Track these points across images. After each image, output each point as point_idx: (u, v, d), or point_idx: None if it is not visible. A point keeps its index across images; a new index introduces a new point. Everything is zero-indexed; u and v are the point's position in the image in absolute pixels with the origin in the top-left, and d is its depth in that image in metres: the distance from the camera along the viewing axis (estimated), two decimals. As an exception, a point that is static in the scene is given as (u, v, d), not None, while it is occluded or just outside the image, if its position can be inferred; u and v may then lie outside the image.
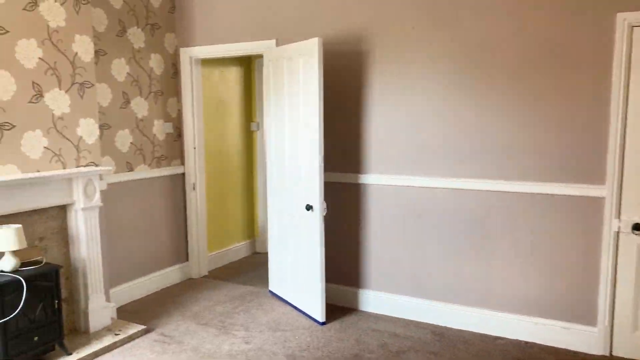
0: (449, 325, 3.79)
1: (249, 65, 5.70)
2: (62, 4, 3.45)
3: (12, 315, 2.93)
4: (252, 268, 5.29)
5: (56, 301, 3.20)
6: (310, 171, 3.77)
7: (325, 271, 3.90)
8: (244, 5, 4.38)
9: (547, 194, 3.39)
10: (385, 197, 3.94)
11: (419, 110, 3.75)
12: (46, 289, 3.16)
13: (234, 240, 5.62)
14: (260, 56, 5.22)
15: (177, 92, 4.79)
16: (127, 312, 4.10)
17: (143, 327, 3.72)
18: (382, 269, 4.02)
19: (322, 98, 3.64)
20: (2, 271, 3.01)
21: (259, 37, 4.35)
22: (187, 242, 4.96)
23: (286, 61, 3.96)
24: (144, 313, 4.09)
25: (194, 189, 4.88)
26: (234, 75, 5.51)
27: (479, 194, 3.60)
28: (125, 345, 3.51)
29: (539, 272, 3.48)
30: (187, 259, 4.98)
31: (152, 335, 3.67)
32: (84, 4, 3.60)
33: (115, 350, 3.44)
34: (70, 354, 3.28)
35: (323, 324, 3.82)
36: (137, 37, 4.35)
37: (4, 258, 3.03)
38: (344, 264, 4.18)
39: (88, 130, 3.68)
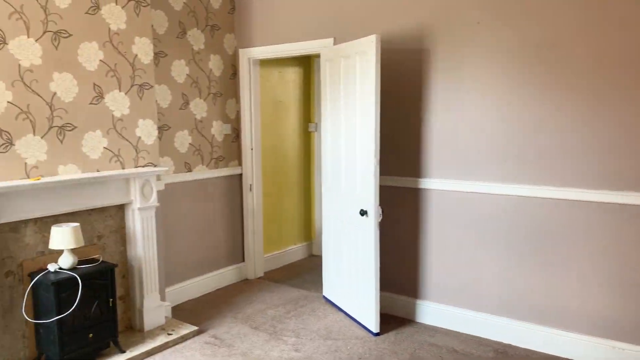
0: (513, 344, 3.50)
1: (308, 65, 5.62)
2: (122, 7, 3.52)
3: (67, 312, 3.00)
4: (308, 271, 5.20)
5: (111, 299, 3.25)
6: (365, 175, 3.62)
7: (382, 279, 3.74)
8: (302, 4, 4.30)
9: (634, 205, 3.03)
10: (446, 204, 3.71)
11: (482, 111, 3.49)
12: (101, 287, 3.21)
13: (290, 242, 5.57)
14: (319, 56, 5.12)
15: (235, 94, 4.79)
16: (183, 312, 4.13)
17: (195, 328, 3.72)
18: (442, 279, 3.79)
19: (379, 98, 3.47)
20: (60, 268, 3.09)
21: (316, 36, 4.25)
22: (243, 242, 4.95)
23: (343, 60, 3.83)
24: (199, 313, 4.10)
25: (250, 189, 4.86)
26: (292, 75, 5.45)
27: (549, 202, 3.29)
28: (177, 346, 3.53)
29: (621, 291, 3.12)
30: (243, 260, 4.97)
31: (203, 337, 3.66)
32: (144, 7, 3.65)
33: (167, 350, 3.46)
34: (124, 351, 3.32)
35: (377, 334, 3.65)
36: (197, 38, 4.38)
37: (62, 256, 3.11)
38: (400, 272, 3.99)
39: (147, 131, 3.73)
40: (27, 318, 3.05)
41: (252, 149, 4.82)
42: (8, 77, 2.96)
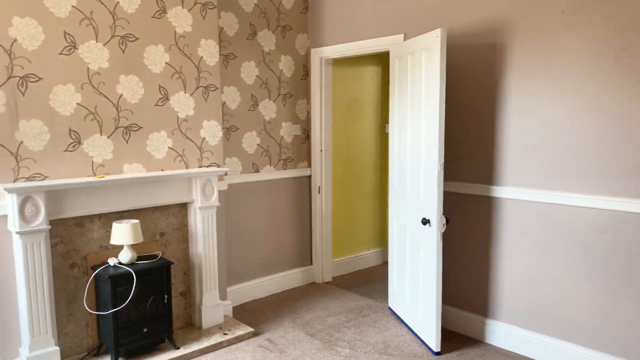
0: (597, 380, 3.04)
1: (387, 63, 5.40)
2: (189, 10, 3.59)
3: (122, 306, 3.11)
4: (378, 279, 4.99)
5: (166, 296, 3.33)
6: (428, 180, 3.35)
7: (447, 294, 3.46)
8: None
9: None
10: (524, 216, 3.31)
11: (572, 112, 3.06)
12: (157, 283, 3.30)
13: (362, 248, 5.39)
14: (396, 54, 4.89)
15: (307, 94, 4.73)
16: (244, 312, 4.15)
17: (251, 330, 3.70)
18: (517, 299, 3.40)
19: (444, 96, 3.19)
20: (119, 263, 3.22)
21: (386, 33, 4.05)
22: (311, 245, 4.88)
23: (409, 57, 3.59)
24: (259, 314, 4.09)
25: (319, 192, 4.77)
26: (370, 74, 5.27)
27: (645, 218, 2.80)
28: (230, 346, 3.53)
29: None
30: (311, 263, 4.90)
31: (258, 340, 3.63)
32: (210, 9, 3.70)
33: (220, 350, 3.47)
34: (178, 348, 3.39)
35: (438, 354, 3.37)
36: (267, 39, 4.37)
37: (122, 251, 3.23)
38: (468, 287, 3.65)
39: (211, 131, 3.78)
40: (87, 309, 3.21)
41: (321, 150, 4.72)
42: (78, 80, 3.14)
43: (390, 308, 4.13)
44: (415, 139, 3.55)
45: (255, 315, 4.07)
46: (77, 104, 3.15)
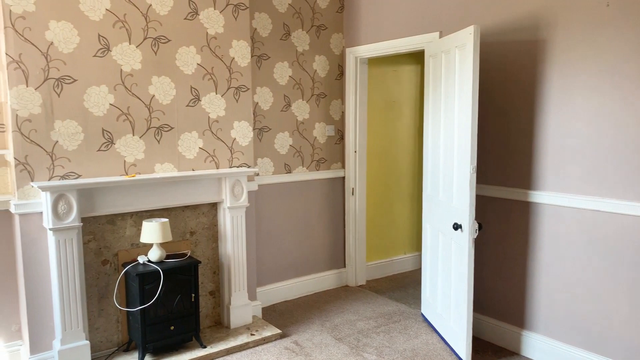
0: (641, 401, 2.81)
1: (426, 63, 5.26)
2: (221, 11, 3.61)
3: (149, 303, 3.16)
4: (413, 284, 4.86)
5: (193, 294, 3.36)
6: (460, 183, 3.22)
7: (481, 302, 3.33)
8: (408, -2, 4.01)
9: None
10: (564, 223, 3.12)
11: (614, 113, 2.86)
12: (184, 282, 3.33)
13: (399, 251, 5.27)
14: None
15: (341, 94, 4.67)
16: (274, 313, 4.14)
17: (279, 331, 3.68)
18: (556, 311, 3.21)
19: (477, 95, 3.06)
20: (149, 261, 3.27)
21: (421, 31, 3.93)
22: (345, 248, 4.81)
23: (444, 55, 3.47)
24: (289, 316, 4.07)
25: (352, 193, 4.69)
26: (409, 74, 5.14)
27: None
28: (256, 347, 3.52)
29: None
30: (344, 266, 4.83)
31: (284, 342, 3.60)
32: (242, 10, 3.71)
33: (247, 351, 3.47)
34: (205, 346, 3.41)
35: (468, 364, 3.23)
36: (301, 39, 4.35)
37: (152, 249, 3.29)
38: (504, 296, 3.49)
39: (242, 132, 3.79)
40: (116, 305, 3.29)
41: (355, 152, 4.65)
42: (111, 82, 3.22)
43: (422, 315, 4.01)
44: (448, 141, 3.42)
45: (285, 317, 4.05)
46: (110, 104, 3.23)
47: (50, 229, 2.95)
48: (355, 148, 4.65)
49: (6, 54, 2.87)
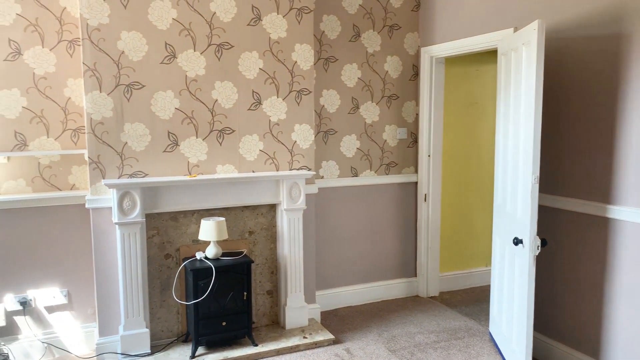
0: None
1: (515, 61, 4.86)
2: (284, 16, 3.66)
3: (201, 298, 3.30)
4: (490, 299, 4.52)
5: (245, 293, 3.44)
6: (524, 194, 2.93)
7: (548, 325, 3.04)
8: (483, -8, 3.74)
9: None
10: (647, 242, 2.71)
11: None
12: (237, 280, 3.43)
13: (479, 263, 4.93)
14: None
15: (415, 96, 4.49)
16: (335, 317, 4.10)
17: (332, 337, 3.64)
18: (638, 345, 2.79)
19: (541, 96, 2.76)
20: (206, 257, 3.42)
21: (496, 27, 3.64)
22: (416, 256, 4.62)
23: (513, 53, 3.18)
24: (348, 322, 4.01)
25: (425, 200, 4.49)
26: (492, 73, 4.79)
27: None
28: (306, 351, 3.51)
29: None
30: (415, 275, 4.64)
31: (336, 348, 3.55)
32: (306, 14, 3.73)
33: (296, 353, 3.48)
34: (256, 345, 3.48)
35: (527, 394, 2.93)
36: (372, 40, 4.26)
37: (209, 246, 3.43)
38: (576, 322, 3.10)
39: (303, 135, 3.81)
40: (175, 297, 3.48)
41: (429, 156, 4.44)
42: (176, 87, 3.42)
43: (490, 333, 3.72)
44: (514, 147, 3.13)
45: (344, 323, 4.00)
46: (176, 108, 3.43)
47: (115, 223, 3.21)
48: (429, 152, 4.44)
49: (83, 63, 3.17)
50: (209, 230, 3.35)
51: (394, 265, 4.56)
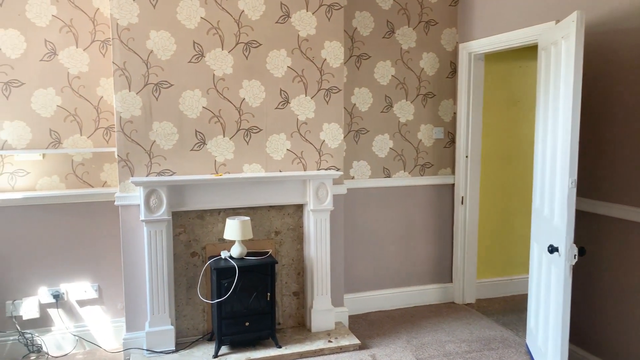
0: None
1: (563, 57, 4.57)
2: (313, 13, 3.59)
3: (223, 297, 3.28)
4: (530, 308, 4.28)
5: (268, 294, 3.40)
6: (559, 197, 2.72)
7: (590, 340, 2.82)
8: (524, -17, 3.53)
9: None
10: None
11: None
12: (261, 280, 3.39)
13: (520, 270, 4.66)
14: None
15: (453, 94, 4.31)
16: (364, 322, 4.00)
17: (357, 342, 3.54)
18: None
19: (579, 92, 2.56)
20: (230, 257, 3.40)
21: (537, 20, 3.42)
22: (452, 261, 4.44)
23: (552, 47, 2.97)
24: (377, 327, 3.89)
25: (462, 202, 4.30)
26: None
27: None
28: (331, 355, 3.43)
29: None
30: (450, 281, 4.46)
31: (361, 354, 3.45)
32: (336, 10, 3.64)
33: (320, 357, 3.40)
34: (280, 347, 3.43)
35: (562, 413, 2.72)
36: (407, 36, 4.12)
37: (234, 245, 3.42)
38: (622, 338, 2.86)
39: (331, 134, 3.73)
40: (199, 296, 3.49)
41: (467, 157, 4.25)
42: (204, 86, 3.42)
43: (526, 345, 3.50)
44: (552, 148, 2.92)
45: (373, 328, 3.89)
46: (203, 107, 3.43)
47: (142, 221, 3.25)
48: (466, 152, 4.25)
49: (113, 62, 3.23)
50: (233, 230, 3.33)
51: (429, 270, 4.40)
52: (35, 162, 3.41)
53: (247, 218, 3.38)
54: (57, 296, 3.45)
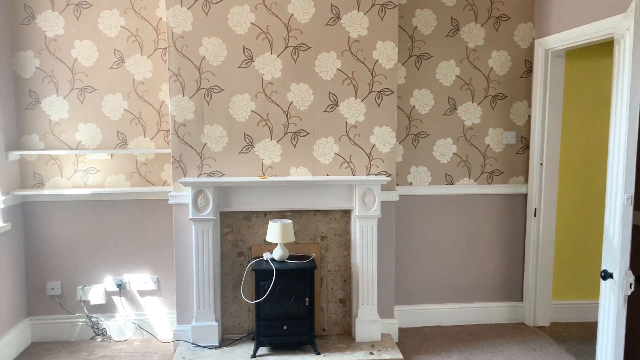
0: None
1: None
2: (365, 13, 3.49)
3: (260, 299, 3.31)
4: (614, 339, 3.74)
5: (307, 299, 3.36)
6: (616, 217, 2.34)
7: None
8: (602, -32, 3.09)
9: None
10: None
11: None
12: (300, 284, 3.36)
13: (608, 294, 4.11)
14: None
15: (528, 95, 3.92)
16: (417, 336, 3.80)
17: (400, 358, 3.36)
18: None
19: (637, 94, 2.20)
20: (272, 259, 3.43)
21: (619, 10, 2.98)
22: (523, 279, 4.04)
23: (622, 40, 2.55)
24: (430, 343, 3.67)
25: (535, 215, 3.89)
26: (635, 67, 3.94)
27: None
28: (369, 368, 3.31)
29: None
30: (521, 299, 4.06)
31: (401, 370, 3.28)
32: (389, 9, 3.50)
33: (357, 369, 3.30)
34: (319, 354, 3.38)
35: None
36: (474, 34, 3.83)
37: (276, 248, 3.44)
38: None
39: (382, 138, 3.59)
40: (242, 295, 3.56)
41: (541, 164, 3.84)
42: (253, 90, 3.49)
43: (594, 382, 3.07)
44: (614, 158, 2.52)
45: (425, 343, 3.67)
46: (252, 111, 3.50)
47: (190, 219, 3.40)
48: (541, 160, 3.84)
49: (168, 68, 3.42)
50: (274, 232, 3.36)
51: (495, 286, 4.05)
52: (104, 161, 3.73)
53: (289, 221, 3.38)
54: (120, 285, 3.74)
